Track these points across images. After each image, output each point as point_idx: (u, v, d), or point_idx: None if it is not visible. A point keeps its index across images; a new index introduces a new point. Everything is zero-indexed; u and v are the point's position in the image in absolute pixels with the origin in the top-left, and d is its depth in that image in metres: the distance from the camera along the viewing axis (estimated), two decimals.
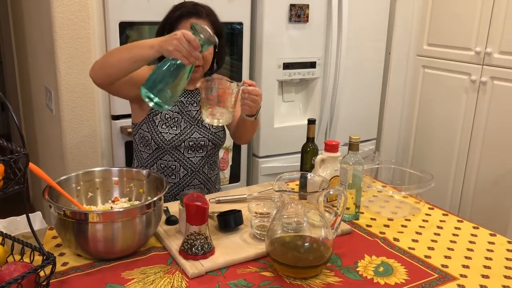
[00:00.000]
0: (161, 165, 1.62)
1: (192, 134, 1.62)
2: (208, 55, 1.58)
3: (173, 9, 1.59)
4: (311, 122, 1.55)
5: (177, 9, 1.58)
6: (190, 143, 1.61)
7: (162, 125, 1.59)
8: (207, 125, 1.64)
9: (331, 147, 1.43)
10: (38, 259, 1.05)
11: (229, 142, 2.25)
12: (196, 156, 1.64)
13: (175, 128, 1.60)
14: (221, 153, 2.31)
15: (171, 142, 1.59)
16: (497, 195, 2.49)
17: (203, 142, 1.63)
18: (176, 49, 1.24)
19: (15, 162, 0.92)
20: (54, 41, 1.90)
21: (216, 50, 1.61)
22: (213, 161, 1.73)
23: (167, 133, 1.58)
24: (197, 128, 1.63)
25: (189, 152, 1.62)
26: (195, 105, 1.65)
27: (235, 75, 2.33)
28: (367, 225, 1.38)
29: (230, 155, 2.34)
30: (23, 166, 0.94)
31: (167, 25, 1.57)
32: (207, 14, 1.57)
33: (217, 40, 1.30)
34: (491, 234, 1.35)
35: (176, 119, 1.60)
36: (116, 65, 1.37)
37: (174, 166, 1.63)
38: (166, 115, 1.60)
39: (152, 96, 1.23)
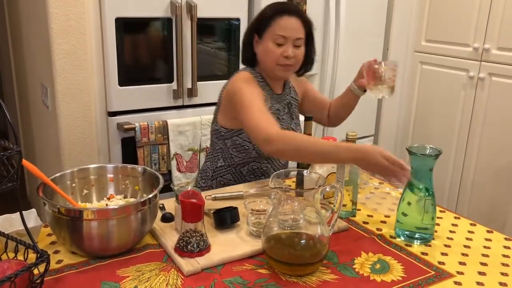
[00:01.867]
0: (253, 167, 1.65)
1: None
2: (300, 54, 1.58)
3: (270, 5, 1.60)
4: (308, 118, 1.54)
5: (273, 6, 1.59)
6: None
7: None
8: (293, 127, 1.68)
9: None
10: (32, 257, 1.04)
11: None
12: (280, 164, 1.70)
13: None
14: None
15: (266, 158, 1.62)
16: (495, 192, 2.49)
17: None
18: (381, 170, 1.24)
19: (8, 159, 0.91)
20: (50, 37, 1.89)
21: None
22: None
23: None
24: (292, 129, 1.67)
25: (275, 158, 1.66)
26: (285, 108, 1.68)
27: (233, 71, 2.31)
28: (364, 222, 1.38)
29: None
30: (16, 163, 0.93)
31: (263, 20, 1.58)
32: (297, 11, 1.58)
33: None
34: (488, 231, 1.35)
35: None
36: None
37: (265, 168, 1.67)
38: None
39: None
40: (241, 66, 2.33)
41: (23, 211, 1.01)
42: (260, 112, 1.42)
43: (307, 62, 1.66)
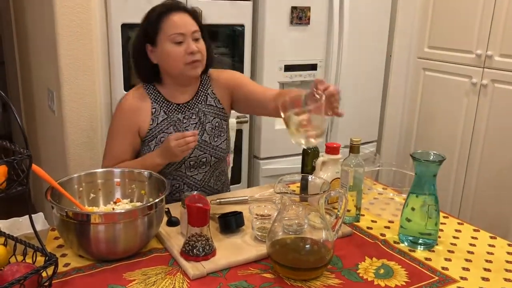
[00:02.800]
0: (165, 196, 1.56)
1: (192, 153, 1.53)
2: (203, 47, 1.50)
3: (150, 11, 1.52)
4: None
5: (154, 9, 1.51)
6: (191, 162, 1.55)
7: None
8: (207, 139, 1.56)
9: (332, 149, 1.43)
10: (40, 259, 1.05)
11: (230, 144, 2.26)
12: (199, 173, 1.58)
13: None
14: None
15: (170, 166, 1.52)
16: (498, 198, 2.50)
17: (205, 159, 1.57)
18: (182, 151, 1.38)
19: (18, 164, 0.93)
20: (57, 42, 1.91)
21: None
22: (219, 172, 1.65)
23: None
24: (197, 145, 1.51)
25: (191, 170, 1.56)
26: (194, 117, 1.56)
27: None
28: (368, 227, 1.39)
29: (232, 156, 2.35)
30: (26, 167, 0.95)
31: (150, 26, 1.48)
32: (183, 6, 1.51)
33: None
34: (491, 237, 1.36)
35: None
36: None
37: (178, 185, 1.57)
38: (162, 138, 1.51)
39: None
40: (245, 71, 2.37)
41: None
42: (108, 154, 1.54)
43: (208, 58, 1.55)
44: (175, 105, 1.56)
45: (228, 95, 1.64)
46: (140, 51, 1.53)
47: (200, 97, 1.60)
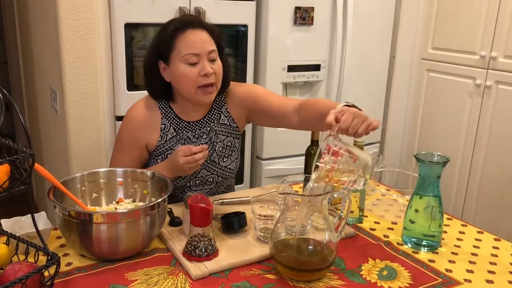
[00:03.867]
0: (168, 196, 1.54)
1: (198, 173, 1.49)
2: (219, 68, 1.42)
3: (165, 25, 1.43)
4: None
5: (169, 24, 1.42)
6: (197, 181, 1.51)
7: None
8: (216, 159, 1.52)
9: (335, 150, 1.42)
10: (42, 259, 1.05)
11: None
12: (204, 189, 1.54)
13: None
14: None
15: (177, 183, 1.48)
16: (501, 199, 2.49)
17: (211, 179, 1.53)
18: (190, 168, 1.35)
19: (21, 163, 0.93)
20: (60, 42, 1.91)
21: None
22: (225, 187, 1.62)
23: None
24: (204, 164, 1.49)
25: (196, 187, 1.52)
26: (205, 137, 1.50)
27: (240, 78, 2.33)
28: (371, 229, 1.38)
29: None
30: (28, 166, 0.94)
31: (163, 43, 1.40)
32: (200, 23, 1.43)
33: None
34: (495, 239, 1.35)
35: None
36: None
37: (179, 198, 1.53)
38: (169, 155, 1.45)
39: None
40: (248, 72, 2.37)
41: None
42: (114, 164, 1.50)
43: (223, 80, 1.46)
44: (186, 122, 1.49)
45: (244, 110, 1.55)
46: (152, 67, 1.44)
47: (213, 115, 1.52)
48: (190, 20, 1.42)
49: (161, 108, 1.49)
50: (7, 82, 4.01)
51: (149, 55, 1.45)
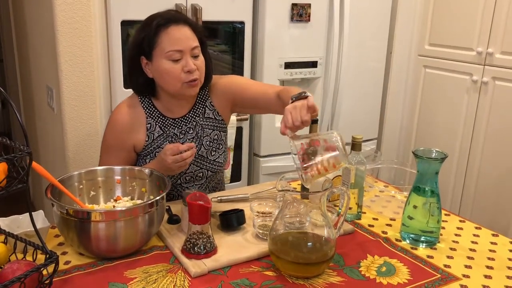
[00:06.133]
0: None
1: (188, 169, 1.49)
2: (201, 65, 1.42)
3: (147, 21, 1.40)
4: (313, 121, 1.54)
5: (152, 19, 1.39)
6: (187, 177, 1.51)
7: None
8: (204, 154, 1.52)
9: (333, 147, 1.43)
10: (40, 257, 1.05)
11: (230, 141, 2.25)
12: (195, 185, 1.53)
13: None
14: None
15: None
16: (498, 195, 2.49)
17: (201, 173, 1.53)
18: (179, 167, 1.34)
19: (18, 161, 0.92)
20: (56, 39, 1.90)
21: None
22: (216, 182, 1.62)
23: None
24: (194, 160, 1.47)
25: (186, 183, 1.52)
26: (191, 132, 1.50)
27: (236, 75, 2.32)
28: (369, 225, 1.38)
29: (232, 154, 2.34)
30: (26, 164, 0.94)
31: (146, 39, 1.38)
32: (183, 18, 1.41)
33: None
34: (493, 235, 1.35)
35: None
36: None
37: (172, 195, 1.53)
38: (157, 153, 1.44)
39: None
40: (245, 69, 2.37)
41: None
42: (104, 161, 1.48)
43: (206, 75, 1.46)
44: (171, 120, 1.49)
45: (229, 101, 1.56)
46: (134, 62, 1.43)
47: (198, 110, 1.53)
48: (172, 16, 1.40)
49: (145, 108, 1.48)
50: (2, 80, 3.99)
51: (131, 50, 1.44)
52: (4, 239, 1.10)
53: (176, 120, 1.50)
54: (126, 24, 2.00)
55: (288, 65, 2.40)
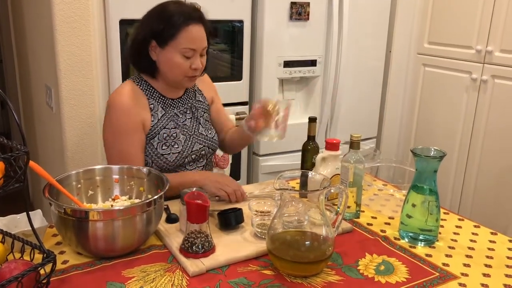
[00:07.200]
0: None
1: (193, 147, 1.55)
2: (204, 63, 1.51)
3: (166, 12, 1.44)
4: (312, 120, 1.55)
5: (172, 12, 1.43)
6: (193, 156, 1.55)
7: (162, 146, 1.49)
8: (203, 132, 1.59)
9: (332, 145, 1.43)
10: (38, 257, 1.04)
11: None
12: (198, 167, 1.58)
13: (176, 146, 1.51)
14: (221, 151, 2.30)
15: (176, 162, 1.50)
16: (498, 194, 2.49)
17: (203, 152, 1.58)
18: (219, 189, 1.44)
19: (15, 160, 0.92)
20: (55, 38, 1.90)
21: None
22: (208, 162, 1.67)
23: (169, 153, 1.49)
24: (196, 138, 1.56)
25: (190, 164, 1.56)
26: (188, 112, 1.57)
27: (236, 73, 2.32)
28: (368, 224, 1.38)
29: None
30: (23, 164, 0.94)
31: (166, 30, 1.42)
32: (200, 16, 1.47)
33: None
34: (492, 233, 1.35)
35: (175, 135, 1.51)
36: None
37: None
38: (164, 134, 1.49)
39: None
40: (244, 67, 2.36)
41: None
42: (119, 157, 1.44)
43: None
44: (170, 100, 1.54)
45: (209, 99, 1.69)
46: (143, 44, 1.46)
47: (190, 93, 1.62)
48: (192, 13, 1.46)
49: (144, 90, 1.51)
50: (1, 79, 3.98)
51: (143, 32, 1.47)
52: (2, 238, 1.10)
53: (175, 100, 1.56)
54: (124, 23, 1.99)
55: (287, 64, 2.40)
